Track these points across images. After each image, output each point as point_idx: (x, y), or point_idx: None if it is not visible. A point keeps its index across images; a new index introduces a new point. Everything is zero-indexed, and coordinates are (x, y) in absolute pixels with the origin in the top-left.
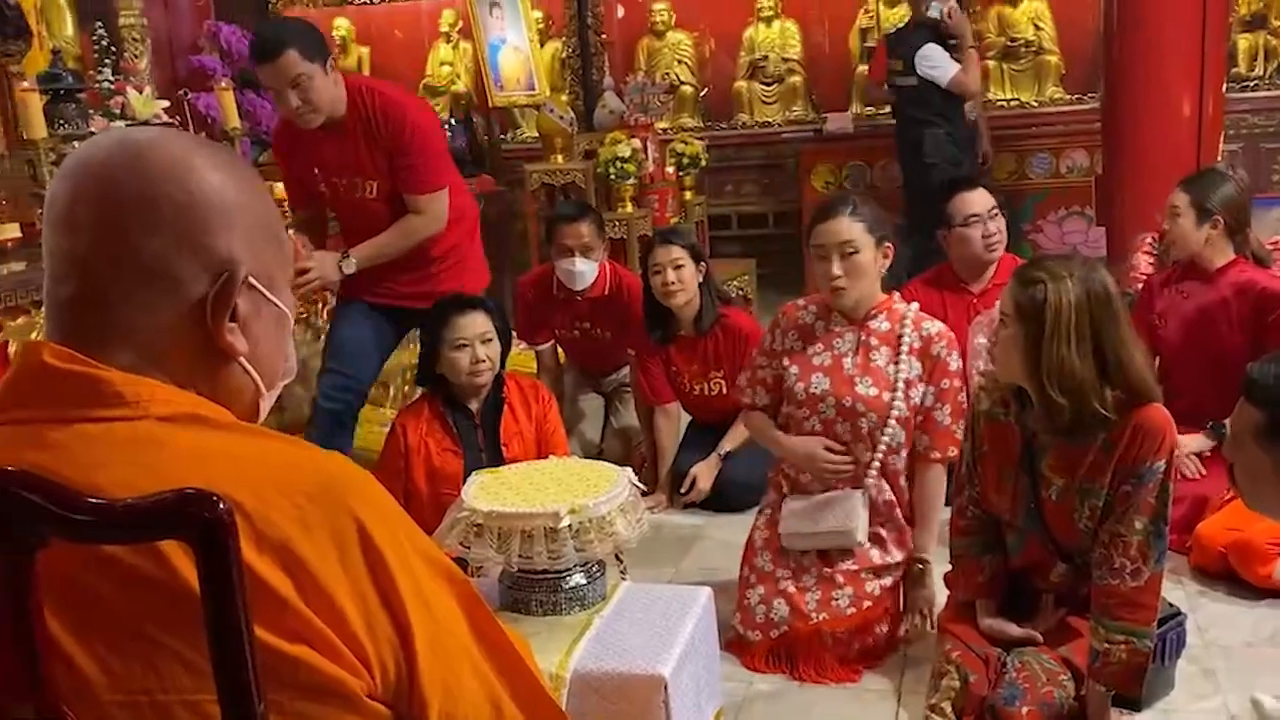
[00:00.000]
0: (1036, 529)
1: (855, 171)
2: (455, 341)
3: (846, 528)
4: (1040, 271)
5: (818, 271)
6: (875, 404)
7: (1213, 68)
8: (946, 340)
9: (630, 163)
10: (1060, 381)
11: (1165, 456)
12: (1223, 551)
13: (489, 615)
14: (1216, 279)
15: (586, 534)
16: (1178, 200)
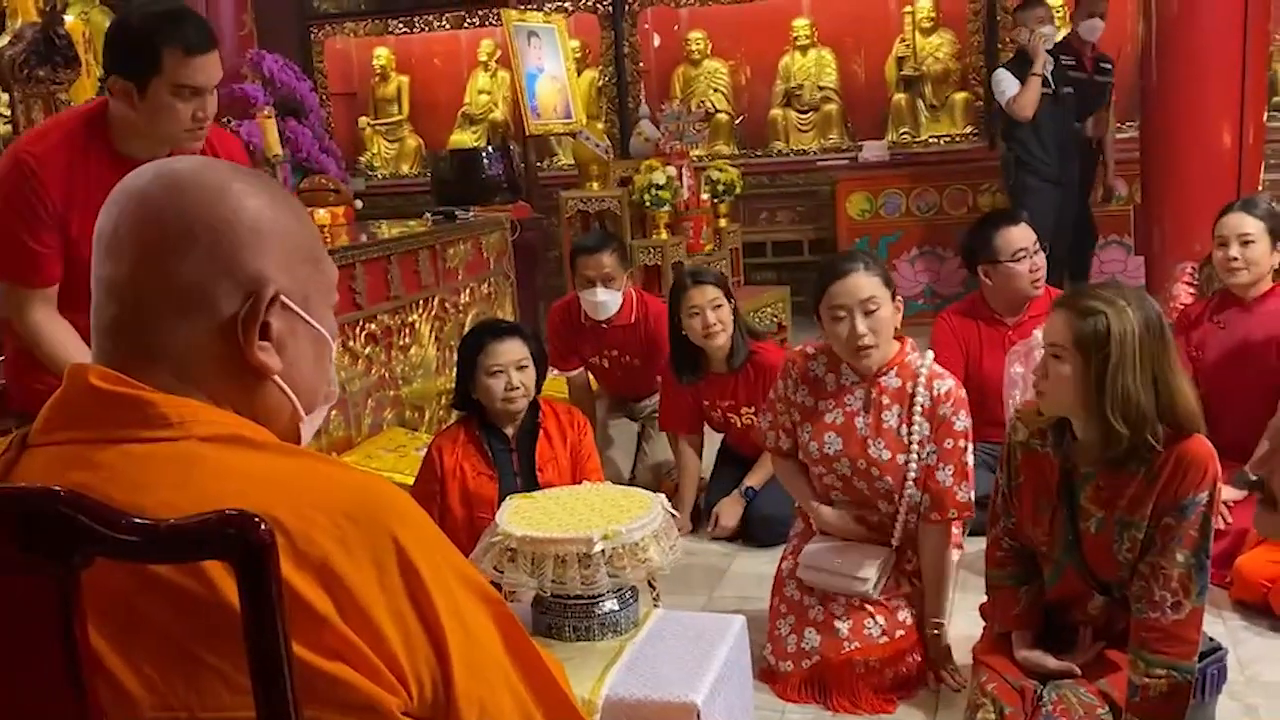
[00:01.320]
0: (1074, 561)
1: (890, 199)
2: (491, 368)
3: (860, 578)
4: (1096, 301)
5: (836, 333)
6: (889, 468)
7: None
8: (954, 400)
9: (665, 190)
10: (1125, 412)
11: (1208, 489)
12: (1265, 586)
13: (524, 636)
14: (1255, 308)
15: (620, 560)
16: (1250, 227)
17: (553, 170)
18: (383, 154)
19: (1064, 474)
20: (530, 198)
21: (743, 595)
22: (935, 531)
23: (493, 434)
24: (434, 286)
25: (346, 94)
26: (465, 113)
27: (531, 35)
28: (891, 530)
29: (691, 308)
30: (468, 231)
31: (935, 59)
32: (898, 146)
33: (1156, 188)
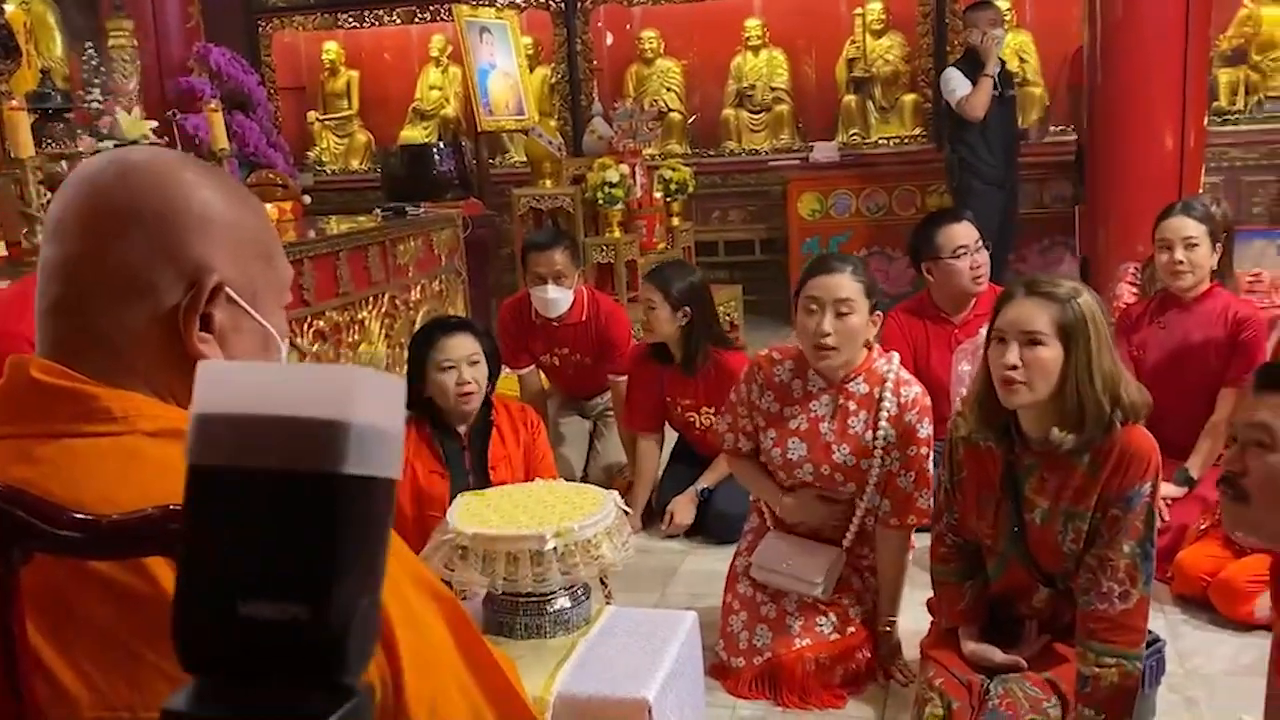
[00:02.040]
0: (1019, 553)
1: (840, 200)
2: (442, 363)
3: (811, 580)
4: (1063, 288)
5: (805, 325)
6: (852, 473)
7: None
8: (919, 408)
9: (618, 188)
10: (1111, 391)
11: (1151, 479)
12: (1204, 580)
13: (476, 635)
14: (1194, 309)
15: (572, 557)
16: (1192, 230)
17: (505, 167)
18: (332, 149)
19: (1007, 466)
20: (482, 194)
21: (695, 592)
22: (895, 536)
23: (445, 432)
24: (384, 283)
25: (295, 88)
26: (416, 108)
27: (483, 31)
28: (845, 530)
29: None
30: (418, 228)
31: (885, 61)
32: (848, 148)
33: (1101, 189)
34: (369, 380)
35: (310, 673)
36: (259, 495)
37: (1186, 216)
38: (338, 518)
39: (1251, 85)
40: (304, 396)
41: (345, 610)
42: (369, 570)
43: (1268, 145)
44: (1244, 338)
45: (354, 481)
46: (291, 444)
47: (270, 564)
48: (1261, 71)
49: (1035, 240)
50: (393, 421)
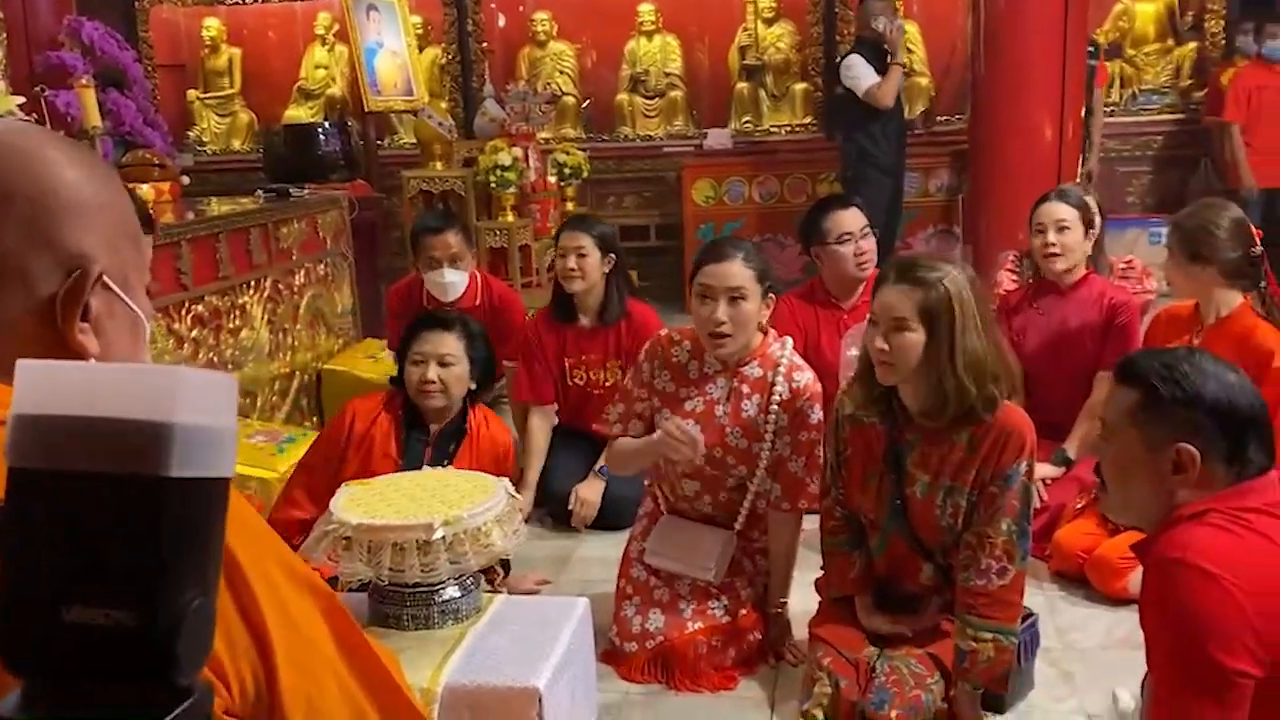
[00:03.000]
0: (900, 527)
1: (734, 186)
2: (414, 355)
3: (703, 565)
4: (925, 272)
5: (698, 312)
6: (744, 456)
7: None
8: (810, 395)
9: (511, 171)
10: (975, 370)
11: (1027, 459)
12: (1081, 557)
13: (355, 628)
14: (1070, 294)
15: (461, 546)
16: (1064, 214)
17: (394, 149)
18: (213, 129)
19: (890, 442)
20: (370, 176)
21: (588, 579)
22: (786, 520)
23: (416, 420)
24: (266, 266)
25: (174, 66)
26: (301, 87)
27: (370, 9)
28: (737, 514)
29: (560, 249)
30: (302, 210)
31: (777, 49)
32: (741, 135)
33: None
34: (195, 380)
35: (141, 676)
36: (81, 499)
37: (1060, 202)
38: (162, 522)
39: (1126, 79)
40: (126, 397)
41: (173, 614)
42: (199, 572)
43: (1141, 137)
44: (1118, 322)
45: (179, 484)
46: (113, 446)
47: (94, 569)
48: (1136, 65)
49: (920, 228)
50: (221, 420)
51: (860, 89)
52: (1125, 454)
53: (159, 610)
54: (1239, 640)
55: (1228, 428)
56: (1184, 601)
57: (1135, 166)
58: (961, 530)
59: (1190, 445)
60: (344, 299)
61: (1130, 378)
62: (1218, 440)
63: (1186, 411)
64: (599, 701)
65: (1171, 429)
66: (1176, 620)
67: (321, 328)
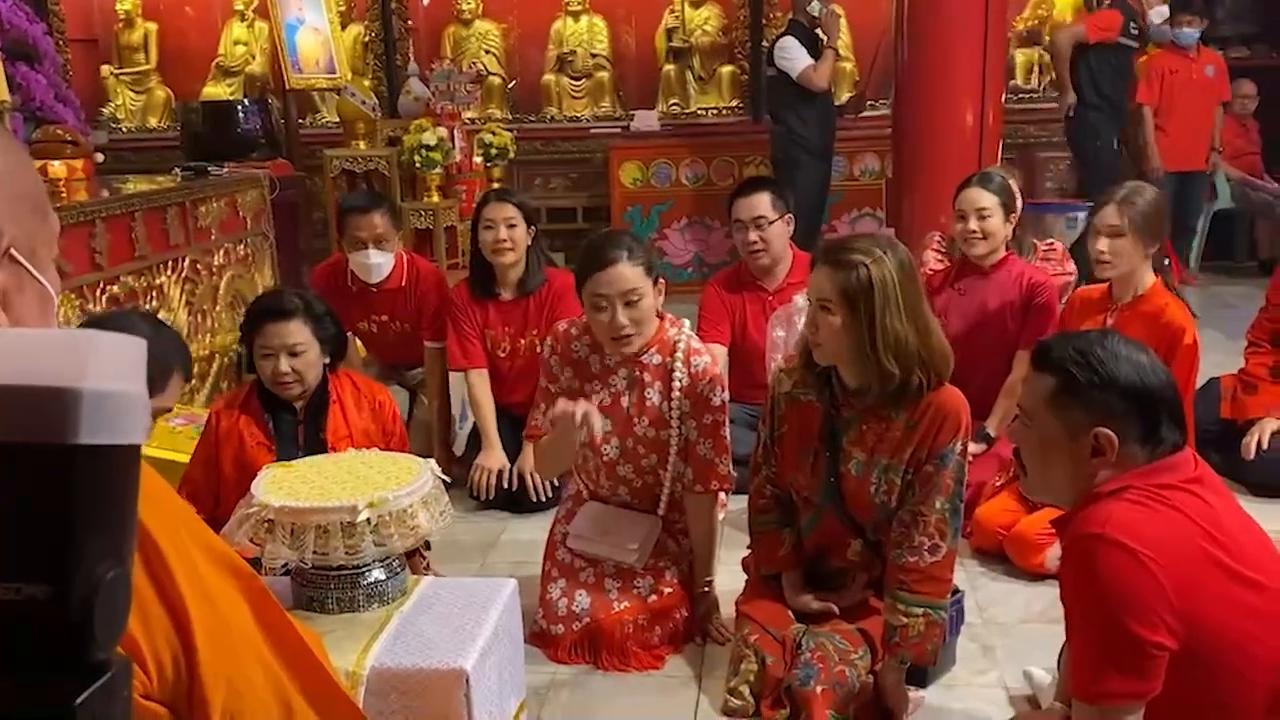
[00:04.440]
0: (833, 504)
1: (661, 169)
2: (262, 350)
3: (626, 547)
4: (854, 254)
5: (596, 320)
6: (654, 446)
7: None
8: (710, 377)
9: (436, 151)
10: (896, 352)
11: (962, 438)
12: (1000, 533)
13: (277, 610)
14: (991, 274)
15: (386, 528)
16: (986, 201)
17: (316, 127)
18: (128, 105)
19: (827, 419)
20: (291, 155)
21: (516, 561)
22: (702, 501)
23: (278, 403)
24: (184, 246)
25: (87, 40)
26: (220, 64)
27: None
28: (658, 500)
29: (487, 220)
30: (221, 188)
31: (704, 32)
32: (668, 117)
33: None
34: (104, 343)
35: (55, 652)
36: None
37: (982, 189)
38: (73, 491)
39: (1044, 66)
40: (33, 364)
41: (88, 586)
42: (115, 541)
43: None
44: (1037, 302)
45: (90, 452)
46: (20, 414)
47: (2, 542)
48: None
49: (845, 211)
50: (133, 384)
51: (795, 71)
52: (1044, 439)
53: (72, 582)
54: (1156, 614)
55: (1143, 409)
56: (1102, 576)
57: (1053, 153)
58: (895, 508)
59: (1107, 429)
60: (265, 280)
61: (1046, 365)
62: (1133, 421)
63: (1103, 396)
64: (527, 683)
65: (1089, 413)
66: (1095, 594)
67: (242, 309)
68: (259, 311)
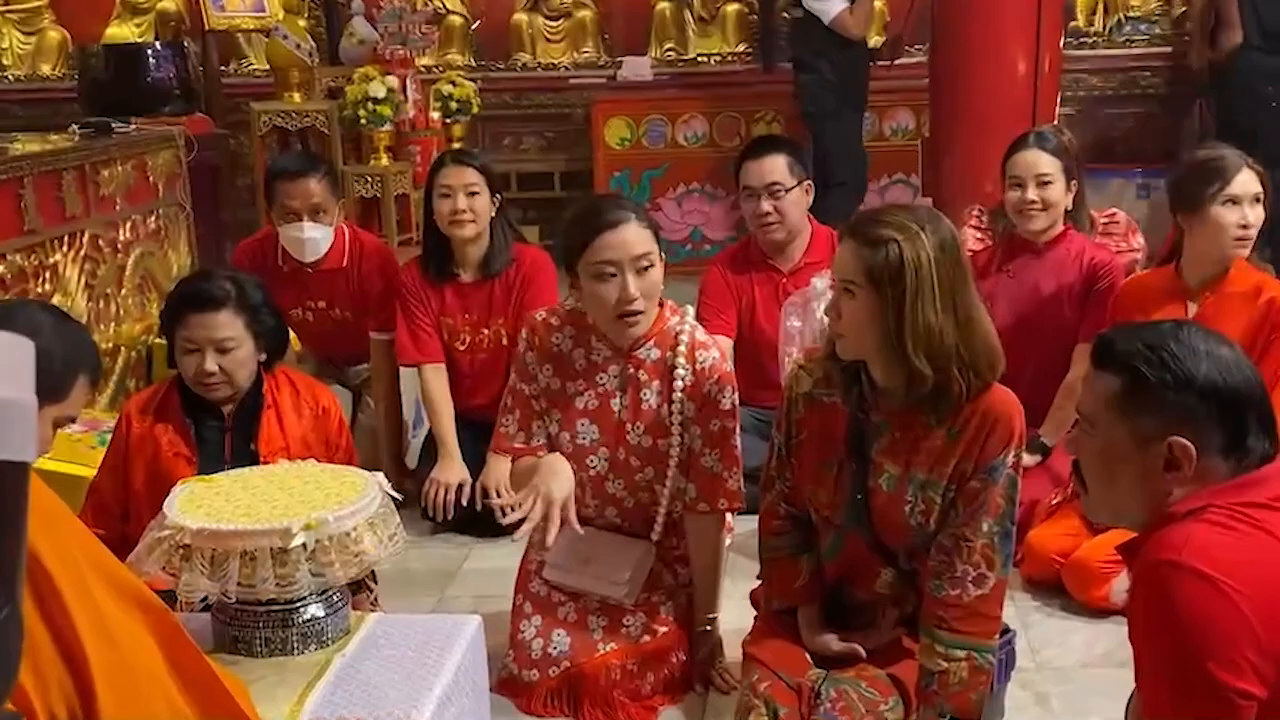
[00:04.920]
0: (860, 526)
1: (654, 127)
2: (185, 345)
3: (614, 580)
4: (886, 228)
5: (600, 295)
6: (651, 457)
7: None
8: (718, 376)
9: (385, 105)
10: (928, 349)
11: (1015, 449)
12: (1058, 561)
13: (192, 649)
14: (1046, 253)
15: (326, 555)
16: (1046, 166)
17: (241, 76)
18: (15, 49)
19: (854, 424)
20: (212, 109)
21: (480, 594)
22: (706, 522)
23: (202, 405)
24: (83, 218)
25: None
26: (126, 1)
27: None
28: (652, 522)
29: (443, 187)
30: (128, 149)
31: None
32: (662, 64)
33: (946, 120)
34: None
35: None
36: None
37: (1041, 150)
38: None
39: (1112, 4)
40: None
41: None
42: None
43: (1127, 72)
44: (1099, 287)
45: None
46: None
47: None
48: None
49: (873, 177)
50: (17, 391)
51: (828, 15)
52: (1108, 449)
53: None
54: (1241, 655)
55: (1225, 413)
56: (1179, 610)
57: (1120, 107)
58: (934, 531)
59: (1183, 437)
60: (180, 258)
61: (1110, 362)
62: (1214, 428)
63: (1178, 398)
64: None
65: (1161, 419)
66: (1170, 632)
67: (153, 293)
68: (182, 298)
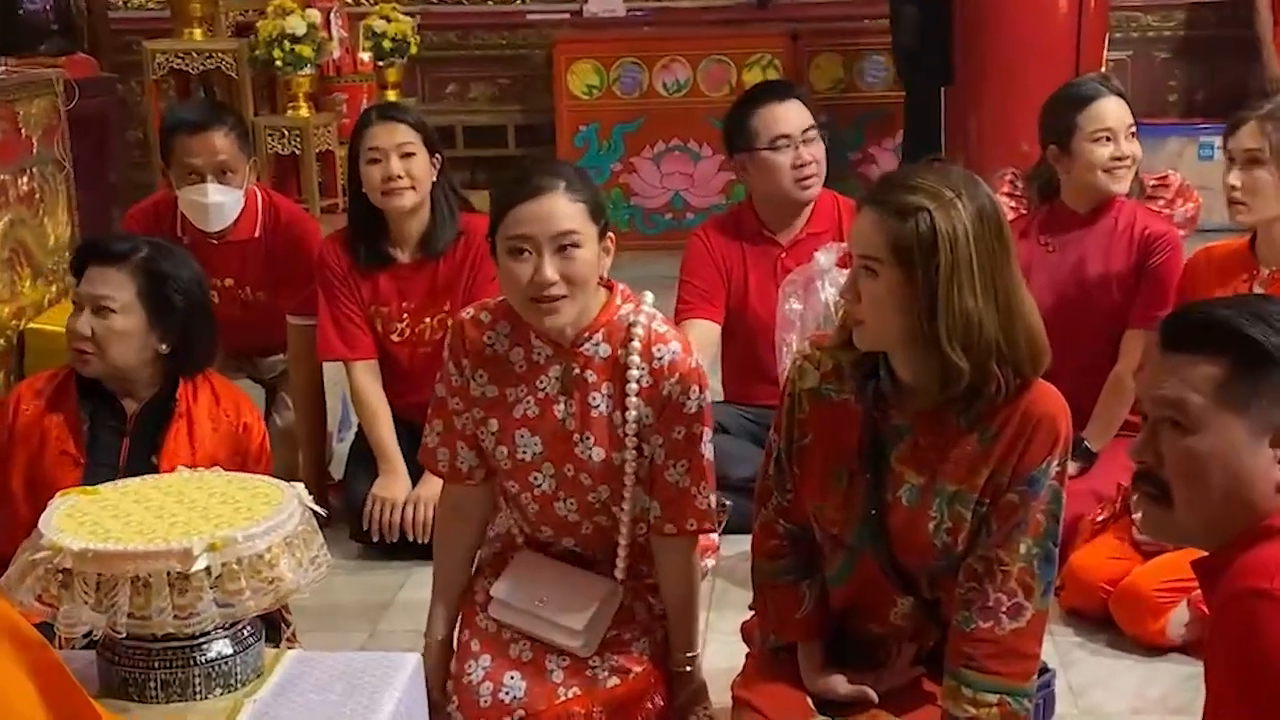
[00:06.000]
0: (874, 547)
1: (628, 73)
2: (74, 301)
3: (569, 629)
4: (915, 195)
5: (513, 275)
6: (603, 473)
7: None
8: (680, 374)
9: (305, 44)
10: (965, 339)
11: (1060, 454)
12: (1105, 590)
13: (75, 690)
14: (1092, 224)
15: (234, 581)
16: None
17: (132, 10)
18: None
19: (870, 426)
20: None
21: (419, 628)
22: (676, 547)
23: (102, 402)
24: None
25: None
26: None
27: None
28: (613, 549)
29: (372, 150)
30: None
31: None
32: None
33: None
34: None
35: None
36: None
37: (1119, 98)
38: None
39: None
40: None
41: None
42: None
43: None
44: (1154, 264)
45: None
46: None
47: None
48: None
49: (885, 134)
50: None
51: None
52: (1213, 452)
53: None
54: None
55: None
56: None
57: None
58: (962, 553)
59: None
60: (59, 227)
61: (1206, 343)
62: None
63: None
64: None
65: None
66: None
67: (25, 269)
68: (85, 247)
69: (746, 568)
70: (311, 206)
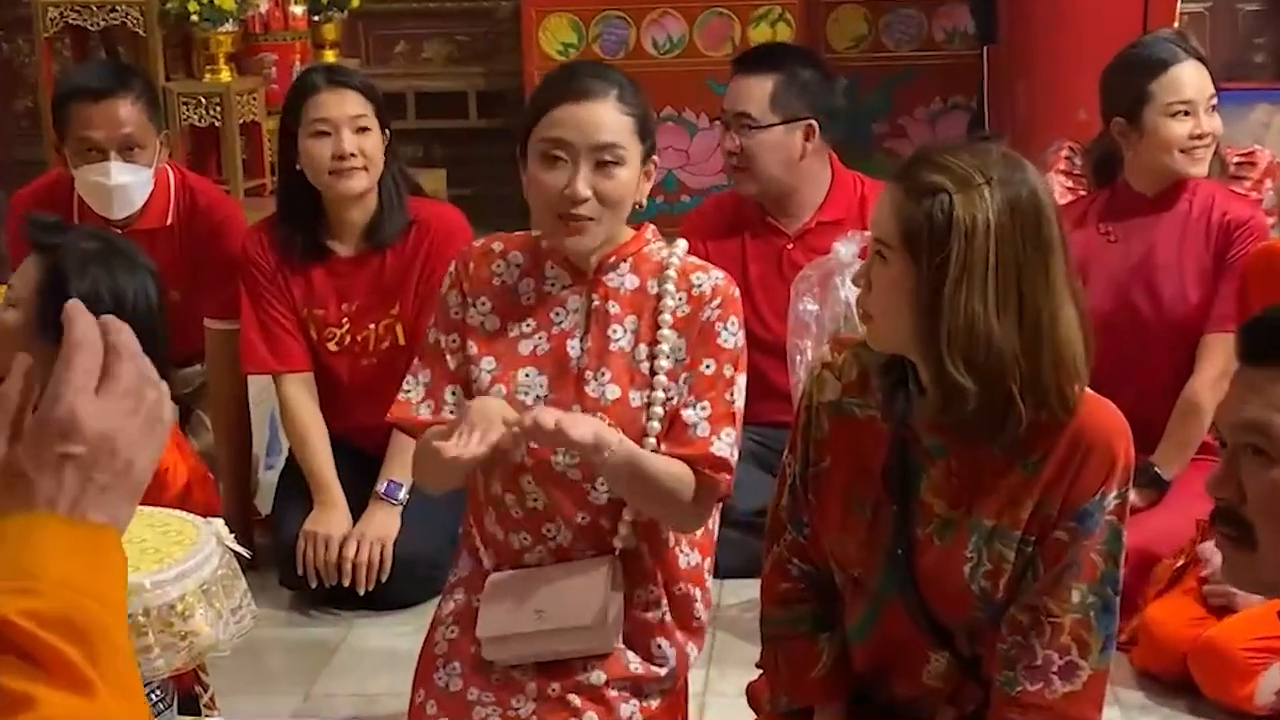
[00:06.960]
0: (902, 593)
1: (611, 28)
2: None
3: (584, 624)
4: (940, 174)
5: (544, 183)
6: (618, 414)
7: None
8: (723, 300)
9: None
10: (968, 352)
11: (1119, 484)
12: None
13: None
14: (1162, 209)
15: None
16: (1212, 86)
17: None
18: None
19: (898, 449)
20: None
21: (363, 691)
22: None
23: None
24: None
25: None
26: None
27: None
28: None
29: (318, 122)
30: None
31: None
32: None
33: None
34: None
35: None
36: None
37: (1199, 63)
38: None
39: None
40: None
41: None
42: None
43: None
44: (1237, 256)
45: None
46: None
47: None
48: None
49: (918, 103)
50: None
51: None
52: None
53: None
54: None
55: None
56: None
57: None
58: (1003, 601)
59: None
60: None
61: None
62: None
63: None
64: None
65: None
66: None
67: None
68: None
69: (751, 619)
70: (234, 189)
